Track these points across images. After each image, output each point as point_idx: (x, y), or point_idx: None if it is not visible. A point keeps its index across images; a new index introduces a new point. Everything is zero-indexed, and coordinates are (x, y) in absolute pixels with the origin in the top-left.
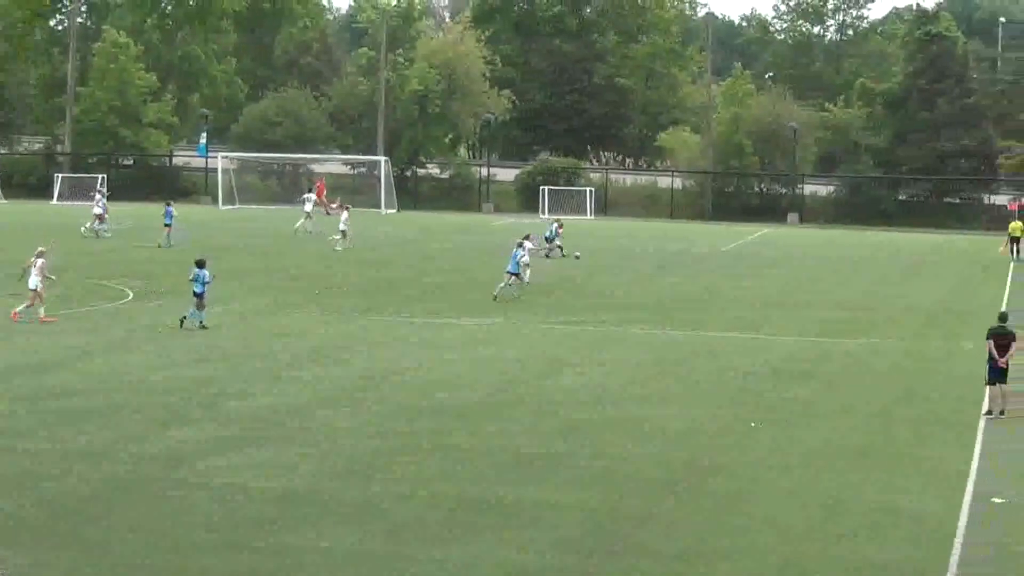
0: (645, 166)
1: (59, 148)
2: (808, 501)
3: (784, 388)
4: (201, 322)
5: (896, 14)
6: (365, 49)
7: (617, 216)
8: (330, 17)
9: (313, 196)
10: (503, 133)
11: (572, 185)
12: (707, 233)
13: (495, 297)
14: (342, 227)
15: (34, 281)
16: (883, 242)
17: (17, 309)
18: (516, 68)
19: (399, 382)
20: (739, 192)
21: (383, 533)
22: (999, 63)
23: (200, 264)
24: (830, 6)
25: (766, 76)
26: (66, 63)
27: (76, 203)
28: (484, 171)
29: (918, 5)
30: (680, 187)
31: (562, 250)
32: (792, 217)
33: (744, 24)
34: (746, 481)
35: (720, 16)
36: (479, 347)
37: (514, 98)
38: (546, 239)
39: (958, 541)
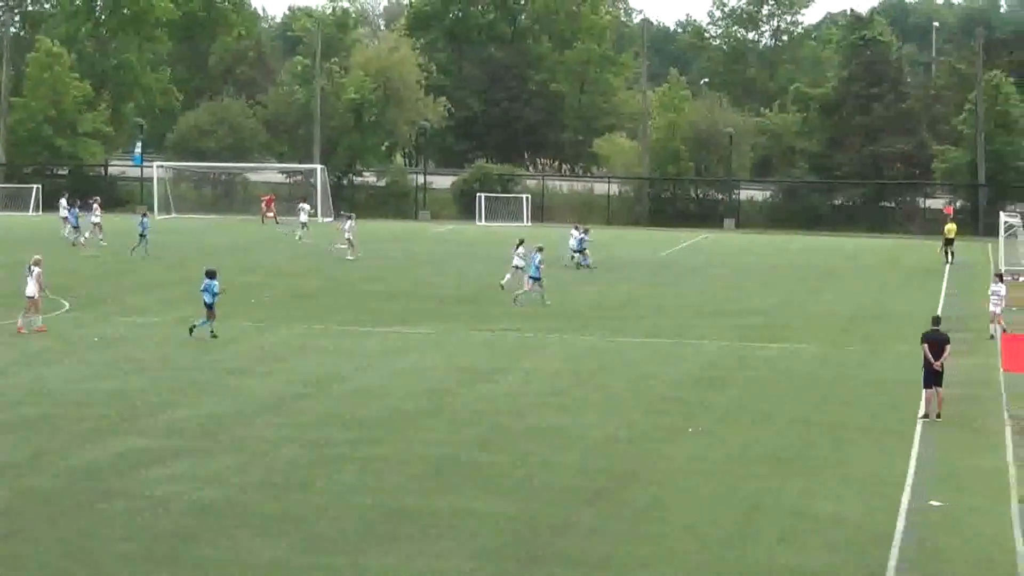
0: (581, 172)
1: None
2: (727, 508)
3: (703, 395)
4: (212, 331)
5: (831, 19)
6: (300, 58)
7: (554, 223)
8: (265, 26)
9: (308, 206)
10: (439, 141)
11: (509, 192)
12: (643, 239)
13: (515, 300)
14: (347, 236)
15: (32, 289)
16: (815, 247)
17: (19, 322)
18: (450, 76)
19: (320, 393)
20: (676, 198)
21: (301, 544)
22: (933, 68)
23: (210, 275)
24: (764, 12)
25: (701, 82)
26: None
27: (11, 213)
28: (421, 179)
29: (852, 10)
30: (617, 193)
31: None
32: (729, 223)
33: (679, 30)
34: (665, 489)
35: (655, 22)
36: (400, 357)
37: (449, 106)
38: (577, 251)
39: (895, 546)
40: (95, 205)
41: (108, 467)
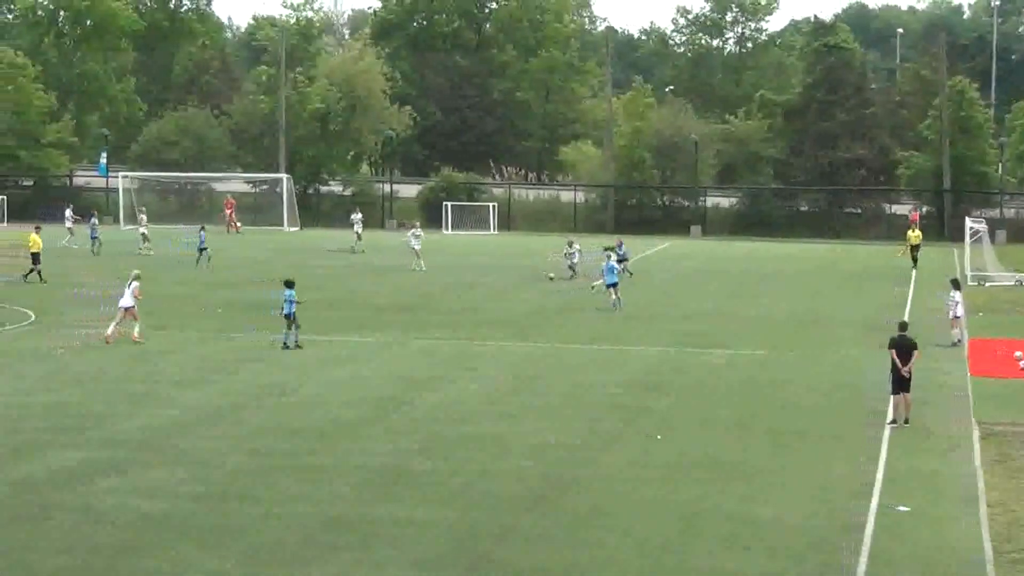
0: (547, 180)
1: None
2: (666, 513)
3: (641, 401)
4: (296, 342)
5: (794, 26)
6: (265, 67)
7: (520, 231)
8: (229, 35)
9: (360, 216)
10: (404, 149)
11: (475, 200)
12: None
13: (615, 306)
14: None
15: (128, 300)
16: (777, 254)
17: (110, 330)
18: (415, 85)
19: (259, 403)
20: (642, 205)
21: (240, 556)
22: (897, 74)
23: (289, 284)
24: (729, 19)
25: (666, 89)
26: None
27: None
28: (387, 187)
29: (816, 17)
30: (583, 201)
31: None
32: (695, 230)
33: (643, 38)
34: (604, 495)
35: (619, 30)
36: (339, 366)
37: (415, 114)
38: (619, 260)
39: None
40: (141, 216)
41: (46, 480)
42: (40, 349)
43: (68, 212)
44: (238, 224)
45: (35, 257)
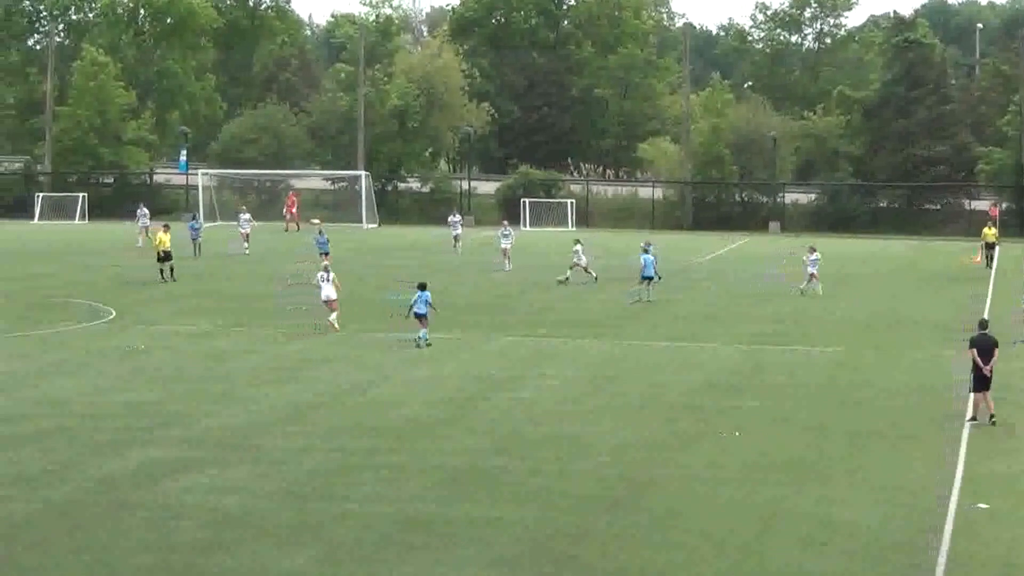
0: (625, 177)
1: (39, 168)
2: (744, 514)
3: (719, 401)
4: (427, 341)
5: (873, 22)
6: (343, 64)
7: (598, 227)
8: (308, 33)
9: (460, 219)
10: (483, 147)
11: (553, 197)
12: (684, 244)
13: (648, 301)
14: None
15: (330, 292)
16: (856, 251)
17: (333, 321)
18: (493, 81)
19: (337, 402)
20: (719, 202)
21: (317, 555)
22: (977, 70)
23: (422, 287)
24: (807, 15)
25: (744, 85)
26: (44, 83)
27: (57, 222)
28: (464, 184)
29: (895, 12)
30: (660, 197)
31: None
32: (773, 226)
33: (722, 34)
34: (682, 495)
35: (697, 26)
36: (417, 366)
37: (493, 111)
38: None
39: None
40: (242, 215)
41: (126, 479)
42: (120, 347)
43: (142, 211)
44: (297, 223)
45: (165, 255)
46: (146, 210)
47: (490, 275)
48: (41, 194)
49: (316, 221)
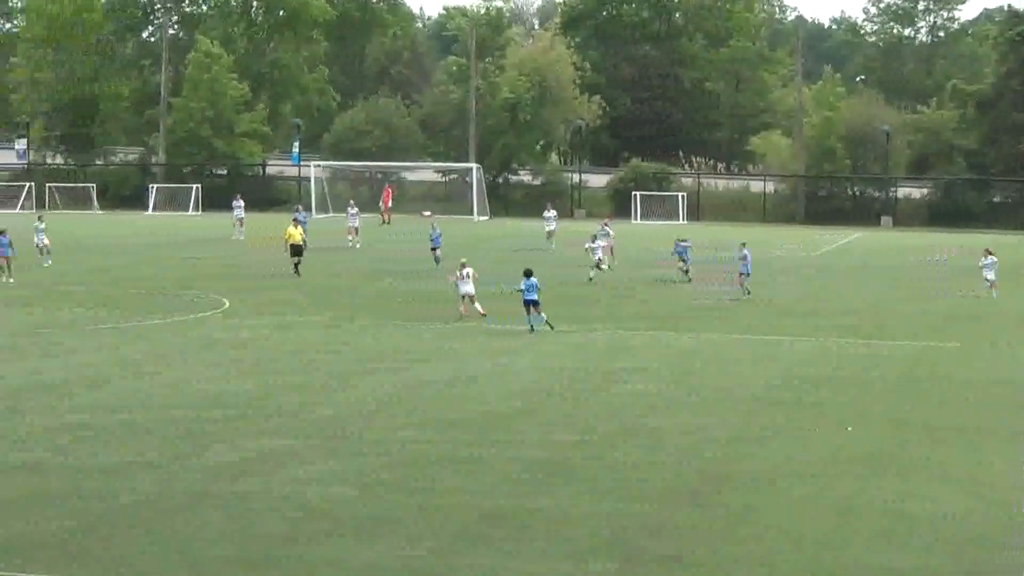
0: (736, 170)
1: (153, 159)
2: (822, 508)
3: (797, 395)
4: (545, 322)
5: (987, 15)
6: (455, 57)
7: (709, 221)
8: (420, 25)
9: (554, 213)
10: (594, 139)
11: (664, 190)
12: (797, 238)
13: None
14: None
15: (469, 288)
16: (964, 245)
17: (464, 310)
18: (604, 74)
19: (419, 395)
20: (831, 196)
21: (397, 547)
22: None
23: (528, 274)
24: (920, 8)
25: (856, 79)
26: (158, 75)
27: (171, 213)
28: (576, 177)
29: (1010, 6)
30: (772, 191)
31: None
32: (885, 220)
33: (834, 27)
34: (759, 489)
35: (809, 19)
36: (497, 358)
37: (604, 104)
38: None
39: (997, 548)
40: (350, 209)
41: (208, 470)
42: (229, 337)
43: (237, 203)
44: (389, 216)
45: (295, 249)
46: (241, 202)
47: (580, 269)
48: (155, 185)
49: (427, 214)
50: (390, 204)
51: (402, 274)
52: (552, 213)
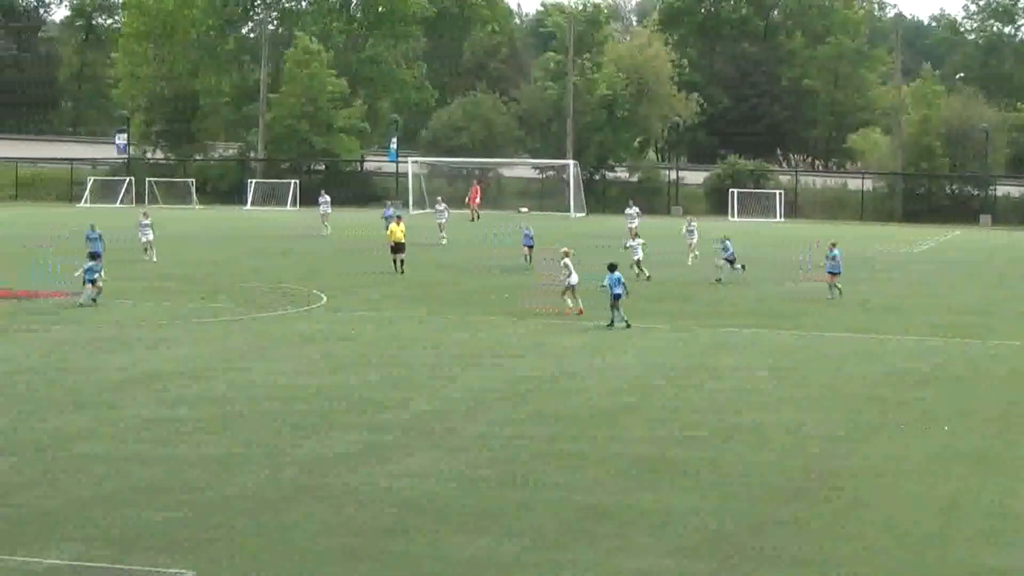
0: (835, 168)
1: (251, 154)
2: (926, 506)
3: (900, 392)
4: (625, 322)
5: None
6: (553, 53)
7: (807, 219)
8: (517, 22)
9: (637, 210)
10: (691, 136)
11: (761, 188)
12: (895, 235)
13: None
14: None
15: (575, 278)
16: None
17: (572, 305)
18: (702, 72)
19: (521, 390)
20: (930, 194)
21: (498, 542)
22: None
23: (612, 268)
24: (1021, 5)
25: (956, 77)
26: (257, 70)
27: (269, 208)
28: (672, 174)
29: None
30: (870, 189)
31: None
32: (984, 219)
33: (933, 24)
34: (863, 487)
35: (908, 16)
36: (599, 354)
37: (702, 101)
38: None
39: None
40: (437, 206)
41: (312, 463)
42: (328, 331)
43: (323, 198)
44: (478, 212)
45: (397, 247)
46: (327, 197)
47: (675, 266)
48: (254, 181)
49: (524, 210)
50: (479, 200)
51: (497, 270)
52: (634, 210)
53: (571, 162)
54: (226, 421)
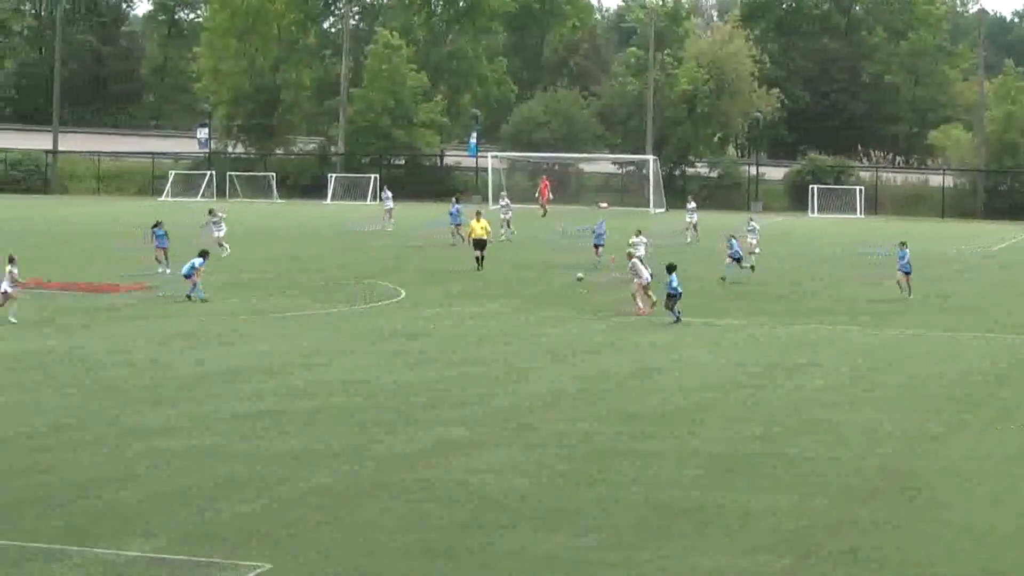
0: (916, 164)
1: (332, 149)
2: (1005, 507)
3: (980, 392)
4: (675, 318)
5: None
6: (634, 49)
7: (886, 215)
8: (598, 17)
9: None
10: (771, 132)
11: (841, 184)
12: (976, 233)
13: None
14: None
15: (647, 276)
16: None
17: (641, 307)
18: (783, 67)
19: (598, 388)
20: (1012, 191)
21: (575, 539)
22: None
23: (671, 268)
24: None
25: None
26: (339, 65)
27: (349, 202)
28: (753, 170)
29: None
30: (951, 185)
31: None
32: None
33: (1016, 20)
34: (942, 487)
35: (991, 12)
36: (677, 352)
37: (783, 97)
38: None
39: None
40: (501, 202)
41: (390, 459)
42: (406, 327)
43: (386, 194)
44: (547, 206)
45: (478, 243)
46: (390, 193)
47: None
48: (334, 175)
49: (604, 205)
50: (549, 196)
51: (573, 266)
52: (693, 205)
53: (651, 157)
54: (304, 417)
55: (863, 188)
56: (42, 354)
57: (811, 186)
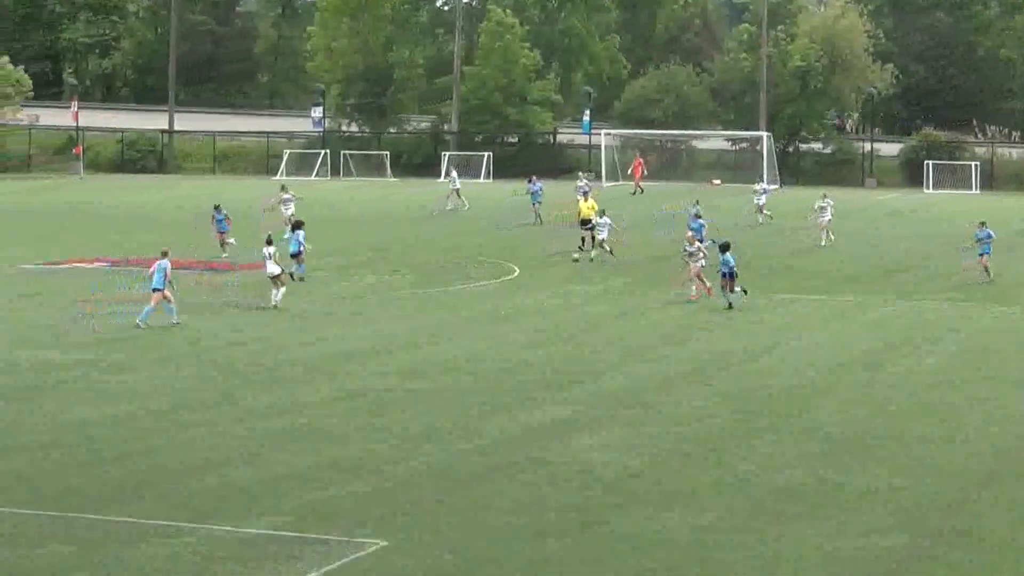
0: None
1: (445, 127)
2: None
3: None
4: (728, 304)
5: None
6: (747, 25)
7: (1003, 191)
8: None
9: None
10: (885, 108)
11: (956, 160)
12: None
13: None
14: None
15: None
16: None
17: (695, 294)
18: (897, 42)
19: (713, 369)
20: None
21: (690, 521)
22: None
23: (724, 248)
24: None
25: None
26: (452, 43)
27: (465, 180)
28: (867, 146)
29: None
30: None
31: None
32: None
33: None
34: None
35: None
36: (792, 332)
37: (897, 73)
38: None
39: None
40: (579, 182)
41: (504, 440)
42: (520, 306)
43: (453, 173)
44: (642, 185)
45: (585, 223)
46: (455, 172)
47: (862, 243)
48: (447, 153)
49: (717, 182)
50: (643, 173)
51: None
52: (760, 186)
53: (764, 134)
54: (416, 397)
55: (979, 164)
56: (160, 332)
57: (926, 162)
